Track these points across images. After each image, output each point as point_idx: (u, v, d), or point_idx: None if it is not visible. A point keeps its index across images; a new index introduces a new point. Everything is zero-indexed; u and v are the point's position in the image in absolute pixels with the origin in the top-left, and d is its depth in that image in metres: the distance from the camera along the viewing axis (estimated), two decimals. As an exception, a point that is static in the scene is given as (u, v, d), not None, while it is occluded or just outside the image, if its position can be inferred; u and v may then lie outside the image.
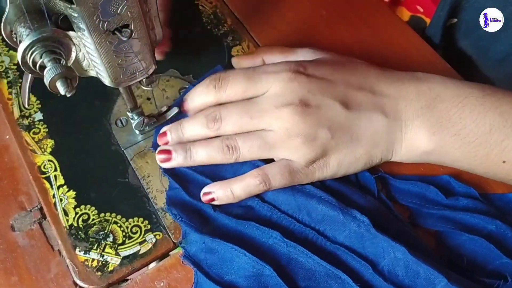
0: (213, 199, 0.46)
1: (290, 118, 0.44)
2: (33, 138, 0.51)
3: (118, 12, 0.36)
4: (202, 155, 0.47)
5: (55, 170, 0.49)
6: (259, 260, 0.43)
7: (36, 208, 0.48)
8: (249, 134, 0.46)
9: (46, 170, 0.49)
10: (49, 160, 0.50)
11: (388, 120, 0.45)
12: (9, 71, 0.55)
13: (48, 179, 0.49)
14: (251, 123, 0.46)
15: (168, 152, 0.47)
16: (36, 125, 0.52)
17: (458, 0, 0.60)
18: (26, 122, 0.52)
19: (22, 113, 0.52)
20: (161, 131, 0.49)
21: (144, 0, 0.39)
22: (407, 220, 0.48)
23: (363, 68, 0.49)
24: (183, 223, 0.45)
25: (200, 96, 0.48)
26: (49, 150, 0.50)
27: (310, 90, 0.45)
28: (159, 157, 0.48)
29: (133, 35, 0.39)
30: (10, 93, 0.54)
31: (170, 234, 0.46)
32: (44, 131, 0.51)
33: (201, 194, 0.47)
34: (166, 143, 0.48)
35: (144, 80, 0.45)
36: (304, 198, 0.46)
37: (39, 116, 0.52)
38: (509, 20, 0.56)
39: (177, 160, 0.47)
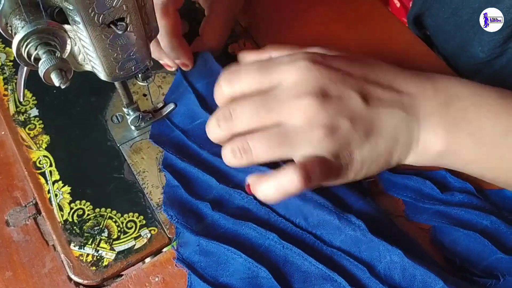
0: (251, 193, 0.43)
1: (311, 108, 0.41)
2: (28, 134, 0.51)
3: (114, 5, 0.36)
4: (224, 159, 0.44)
5: (50, 165, 0.49)
6: (255, 262, 0.43)
7: (31, 203, 0.48)
8: (266, 130, 0.42)
9: (41, 165, 0.49)
10: (44, 156, 0.50)
11: (407, 116, 0.44)
12: (5, 68, 0.56)
13: (43, 174, 0.48)
14: (268, 117, 0.42)
15: None
16: (32, 121, 0.52)
17: (418, 15, 0.60)
18: (21, 118, 0.52)
19: (17, 109, 0.52)
20: None
21: (140, -6, 0.39)
22: (403, 214, 0.48)
23: (381, 64, 0.47)
24: (178, 224, 0.45)
25: (215, 92, 0.45)
26: (44, 145, 0.50)
27: (330, 79, 0.43)
28: None
29: (128, 29, 0.39)
30: (6, 89, 0.54)
31: (165, 229, 0.46)
32: (39, 127, 0.51)
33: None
34: None
35: (140, 75, 0.45)
36: (300, 202, 0.45)
37: (34, 112, 0.52)
38: (465, 43, 0.57)
39: None
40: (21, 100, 0.42)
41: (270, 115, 0.42)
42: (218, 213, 0.46)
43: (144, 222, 0.46)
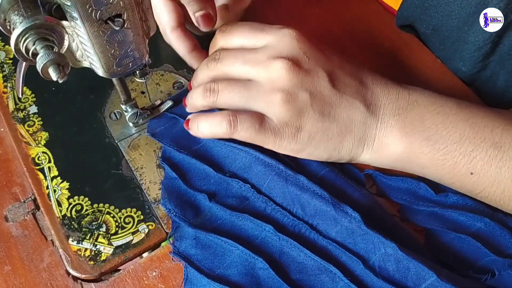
0: (188, 127, 0.49)
1: (277, 70, 0.45)
2: (27, 131, 0.51)
3: (111, 1, 0.37)
4: (189, 100, 0.50)
5: (49, 161, 0.49)
6: (252, 253, 0.44)
7: (30, 199, 0.48)
8: (234, 80, 0.47)
9: (40, 161, 0.49)
10: (43, 152, 0.50)
11: (367, 112, 0.46)
12: (5, 65, 0.56)
13: (42, 170, 0.49)
14: (241, 69, 0.47)
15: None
16: (31, 118, 0.52)
17: (404, 26, 0.61)
18: (21, 115, 0.52)
19: (17, 106, 0.53)
20: None
21: (137, -9, 0.39)
22: (397, 214, 0.48)
23: (359, 62, 0.50)
24: (176, 218, 0.46)
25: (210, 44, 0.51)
26: (43, 142, 0.51)
27: (306, 53, 0.46)
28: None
29: (125, 25, 0.39)
30: (6, 86, 0.54)
31: (162, 224, 0.46)
32: (38, 124, 0.52)
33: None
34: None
35: (137, 72, 0.46)
36: (298, 191, 0.46)
37: (33, 109, 0.53)
38: (448, 57, 0.58)
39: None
40: (20, 96, 0.43)
41: (243, 68, 0.47)
42: (215, 204, 0.46)
43: (141, 217, 0.47)
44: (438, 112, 0.45)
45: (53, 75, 0.35)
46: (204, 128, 0.47)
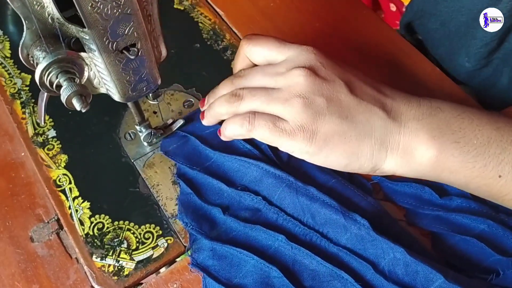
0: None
1: (295, 77, 0.47)
2: (47, 154, 0.54)
3: (126, 32, 0.39)
4: (212, 109, 0.51)
5: (70, 183, 0.52)
6: (266, 263, 0.46)
7: (53, 219, 0.51)
8: (258, 88, 0.49)
9: (61, 183, 0.52)
10: (63, 174, 0.52)
11: (388, 118, 0.46)
12: (22, 92, 0.59)
13: (63, 191, 0.51)
14: (262, 80, 0.49)
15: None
16: (50, 142, 0.55)
17: (410, 22, 0.63)
18: (40, 139, 0.55)
19: (36, 131, 0.55)
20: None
21: (149, 20, 0.42)
22: (404, 219, 0.50)
23: (373, 78, 0.51)
24: (193, 231, 0.48)
25: (237, 57, 0.53)
26: (63, 164, 0.53)
27: (322, 63, 0.48)
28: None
29: (139, 53, 0.42)
30: (24, 112, 0.57)
31: (180, 238, 0.49)
32: (57, 147, 0.54)
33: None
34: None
35: (150, 94, 0.48)
36: (308, 201, 0.48)
37: (52, 133, 0.55)
38: (452, 52, 0.60)
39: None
40: (43, 124, 0.45)
41: (264, 78, 0.49)
42: (229, 217, 0.48)
43: (160, 232, 0.49)
44: (462, 118, 0.46)
45: (77, 105, 0.37)
46: (229, 130, 0.49)
